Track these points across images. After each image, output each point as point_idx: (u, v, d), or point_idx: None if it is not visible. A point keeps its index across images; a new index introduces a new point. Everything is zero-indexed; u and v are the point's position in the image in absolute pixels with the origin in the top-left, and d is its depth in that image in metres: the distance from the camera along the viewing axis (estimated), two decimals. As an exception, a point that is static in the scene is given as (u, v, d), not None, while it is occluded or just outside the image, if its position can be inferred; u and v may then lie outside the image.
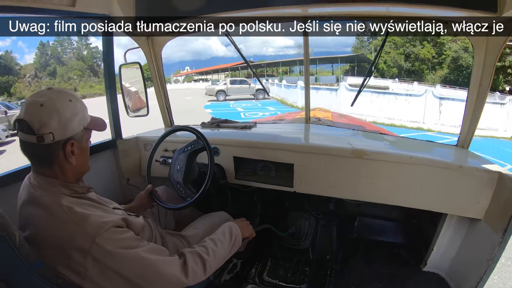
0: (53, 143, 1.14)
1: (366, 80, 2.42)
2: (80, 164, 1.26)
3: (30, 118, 1.11)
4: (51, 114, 1.12)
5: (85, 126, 1.24)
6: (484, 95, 1.96)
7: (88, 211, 1.15)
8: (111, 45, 2.48)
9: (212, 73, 50.27)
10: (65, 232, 1.10)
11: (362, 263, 2.46)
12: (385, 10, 2.00)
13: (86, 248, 1.08)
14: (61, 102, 1.16)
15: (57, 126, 1.13)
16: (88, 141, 1.30)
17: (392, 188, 2.03)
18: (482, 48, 1.88)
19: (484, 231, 1.82)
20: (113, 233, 1.13)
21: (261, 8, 2.08)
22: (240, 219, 1.81)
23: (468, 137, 2.12)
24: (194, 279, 1.27)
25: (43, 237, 1.12)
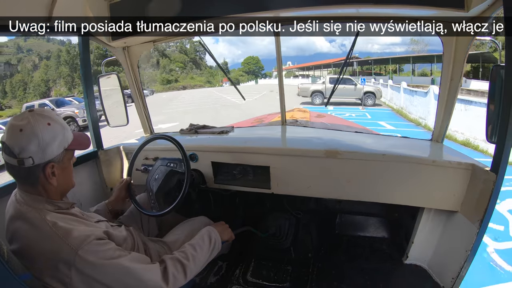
0: (33, 166, 1.17)
1: (341, 77, 2.46)
2: (62, 183, 1.29)
3: (10, 142, 1.15)
4: (30, 139, 1.15)
5: (66, 147, 1.27)
6: (455, 89, 2.00)
7: (71, 226, 1.19)
8: (88, 56, 2.51)
9: (314, 69, 47.30)
10: (50, 245, 1.13)
11: (344, 259, 2.49)
12: (355, 11, 2.02)
13: (70, 260, 1.12)
14: (40, 127, 1.18)
15: (36, 150, 1.16)
16: (70, 160, 1.33)
17: (368, 185, 2.06)
18: (452, 44, 1.93)
19: (461, 222, 1.86)
20: (95, 245, 1.17)
21: (236, 15, 2.11)
22: (219, 223, 1.85)
23: (442, 131, 2.17)
24: (174, 285, 1.31)
25: (30, 250, 1.15)
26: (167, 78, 69.08)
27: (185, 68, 71.88)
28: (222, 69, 3.05)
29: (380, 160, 1.98)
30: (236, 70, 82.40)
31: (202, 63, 74.21)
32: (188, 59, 72.90)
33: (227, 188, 2.44)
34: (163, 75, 69.33)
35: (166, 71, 70.15)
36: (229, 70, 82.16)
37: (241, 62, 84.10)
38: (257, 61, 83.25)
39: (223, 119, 15.19)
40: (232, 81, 3.16)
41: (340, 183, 2.11)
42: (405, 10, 1.88)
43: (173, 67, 70.60)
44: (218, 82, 72.07)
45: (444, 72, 2.02)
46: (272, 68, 57.47)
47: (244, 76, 78.06)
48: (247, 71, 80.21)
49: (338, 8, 1.96)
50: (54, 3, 1.99)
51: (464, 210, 1.85)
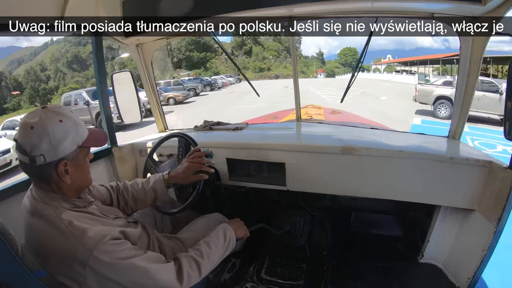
0: (44, 164, 1.16)
1: (354, 77, 2.43)
2: (77, 180, 1.28)
3: (22, 140, 1.15)
4: (41, 137, 1.14)
5: (79, 144, 1.25)
6: (473, 85, 1.97)
7: (87, 225, 1.18)
8: (101, 53, 2.52)
9: (418, 65, 39.66)
10: (65, 244, 1.13)
11: (359, 257, 2.47)
12: (370, 5, 2.00)
13: (85, 260, 1.11)
14: (51, 124, 1.16)
15: (47, 148, 1.15)
16: (85, 158, 1.32)
17: (384, 182, 2.04)
18: (469, 40, 1.89)
19: (478, 221, 1.84)
20: (110, 245, 1.16)
21: (248, 11, 2.10)
22: (234, 220, 1.84)
23: (459, 127, 2.13)
24: (189, 283, 1.31)
25: (45, 248, 1.16)
26: (260, 66, 67.88)
27: (279, 56, 70.75)
28: (234, 62, 3.03)
29: (397, 157, 1.96)
30: (331, 61, 77.44)
31: (296, 53, 74.93)
32: (282, 48, 72.05)
33: (242, 185, 2.44)
34: (255, 63, 68.14)
35: (259, 59, 68.93)
36: (324, 61, 77.72)
37: (338, 53, 78.72)
38: (355, 53, 75.37)
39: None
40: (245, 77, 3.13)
41: (356, 180, 2.09)
42: (420, 4, 1.85)
43: (266, 55, 69.58)
44: (312, 73, 70.08)
45: (461, 69, 1.99)
46: (371, 61, 55.20)
47: (339, 68, 72.71)
48: (344, 63, 74.38)
49: (353, 2, 1.94)
50: (66, 2, 2.01)
51: (481, 209, 1.83)
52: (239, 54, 66.87)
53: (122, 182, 1.80)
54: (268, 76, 64.02)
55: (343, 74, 67.66)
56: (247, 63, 68.77)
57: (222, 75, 52.60)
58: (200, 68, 70.13)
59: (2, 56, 67.66)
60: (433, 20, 1.95)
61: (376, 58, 53.87)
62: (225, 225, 1.67)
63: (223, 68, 69.06)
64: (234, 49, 69.67)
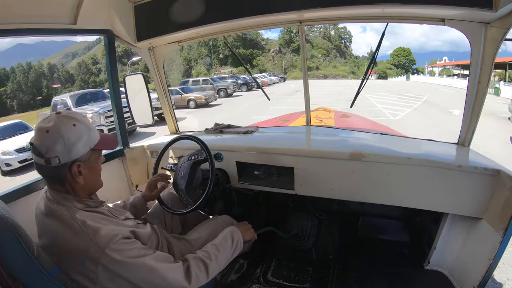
0: (59, 165, 1.23)
1: (364, 82, 2.42)
2: (89, 182, 1.35)
3: (38, 143, 1.22)
4: (56, 139, 1.21)
5: (92, 147, 1.32)
6: (483, 92, 1.94)
7: (100, 224, 1.24)
8: (114, 56, 2.58)
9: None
10: (78, 243, 1.18)
11: (365, 262, 2.48)
12: (381, 11, 1.99)
13: (97, 257, 1.17)
14: (66, 128, 1.23)
15: (62, 150, 1.22)
16: (97, 160, 1.39)
17: (392, 188, 2.04)
18: (479, 45, 1.85)
19: (485, 230, 1.82)
20: (121, 244, 1.22)
21: (257, 16, 2.13)
22: (242, 223, 1.89)
23: (469, 134, 2.11)
24: (196, 284, 1.36)
25: (59, 247, 1.21)
26: (308, 65, 65.22)
27: (328, 55, 68.77)
28: (240, 60, 3.03)
29: (405, 164, 1.95)
30: (383, 62, 75.43)
31: (347, 52, 69.39)
32: (332, 46, 69.69)
33: (251, 188, 2.46)
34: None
35: (307, 57, 67.17)
36: (376, 61, 76.90)
37: (390, 53, 75.86)
38: (408, 53, 75.98)
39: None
40: (257, 82, 3.15)
41: (364, 185, 2.09)
42: (431, 10, 1.84)
43: (315, 53, 67.57)
44: (362, 74, 67.20)
45: (471, 75, 1.96)
46: (425, 63, 52.57)
47: (392, 70, 70.36)
48: (396, 64, 72.65)
49: (364, 8, 1.93)
50: (80, 5, 2.07)
51: (488, 218, 1.81)
52: (286, 51, 65.20)
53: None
54: (316, 75, 62.28)
55: (395, 76, 64.63)
56: (295, 61, 67.94)
57: (265, 73, 49.89)
58: (246, 65, 69.86)
59: (58, 50, 69.61)
60: (444, 25, 1.94)
61: (431, 60, 51.71)
62: (233, 228, 1.72)
63: (269, 66, 67.55)
64: (281, 46, 67.51)
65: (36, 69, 71.51)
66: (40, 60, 75.05)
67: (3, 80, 67.11)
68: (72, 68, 69.57)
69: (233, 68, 59.24)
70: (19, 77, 67.72)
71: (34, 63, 72.05)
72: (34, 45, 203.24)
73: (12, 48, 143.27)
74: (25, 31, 1.92)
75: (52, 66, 71.92)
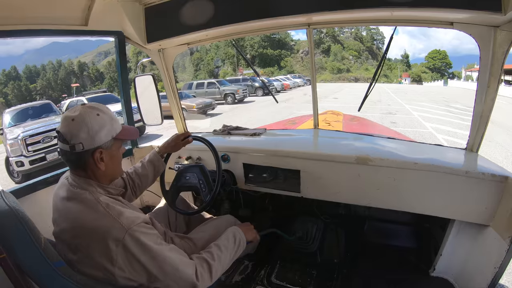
0: (83, 151, 1.30)
1: (372, 86, 2.41)
2: (110, 169, 1.41)
3: (64, 130, 1.29)
4: (81, 127, 1.28)
5: (114, 136, 1.38)
6: (492, 97, 1.91)
7: (122, 208, 1.31)
8: (124, 57, 2.63)
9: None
10: (103, 223, 1.24)
11: (370, 267, 2.46)
12: (390, 14, 1.98)
13: (120, 237, 1.22)
14: (90, 117, 1.31)
15: (86, 137, 1.29)
16: (118, 149, 1.45)
17: (398, 193, 2.02)
18: (488, 49, 1.83)
19: (491, 237, 1.79)
20: (143, 227, 1.28)
21: (266, 19, 2.14)
22: (244, 223, 1.91)
23: (477, 140, 2.08)
24: (203, 283, 1.39)
25: (82, 228, 1.26)
26: (338, 67, 63.10)
27: (360, 57, 66.92)
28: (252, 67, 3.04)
29: (412, 169, 1.94)
30: (418, 65, 71.64)
31: (379, 54, 66.07)
32: (364, 48, 68.60)
33: (257, 189, 2.48)
34: (333, 63, 63.56)
35: (338, 59, 64.32)
36: (410, 64, 71.09)
37: (425, 56, 70.82)
38: (444, 56, 72.54)
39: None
40: (265, 84, 3.15)
41: (370, 190, 2.08)
42: (440, 13, 1.82)
43: (346, 55, 65.39)
44: (396, 77, 62.01)
45: (481, 79, 1.92)
46: (461, 66, 49.51)
47: (427, 74, 66.09)
48: (431, 67, 68.39)
49: (373, 11, 1.92)
50: (91, 7, 2.13)
51: (495, 225, 1.79)
52: (316, 52, 63.31)
53: (128, 169, 2.01)
54: (347, 78, 59.56)
55: (431, 81, 59.84)
56: (325, 62, 65.72)
57: (290, 75, 47.11)
58: (273, 66, 67.98)
59: (91, 48, 71.10)
60: (453, 29, 1.92)
61: (467, 64, 49.24)
62: (235, 228, 1.74)
63: (298, 67, 66.42)
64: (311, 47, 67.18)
65: (66, 66, 73.14)
66: (74, 58, 76.87)
67: (34, 77, 68.76)
68: (103, 66, 70.89)
69: (257, 69, 58.46)
70: (49, 74, 69.29)
71: (64, 62, 73.95)
72: (68, 43, 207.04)
73: (47, 46, 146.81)
74: (37, 32, 1.99)
75: (82, 64, 73.29)
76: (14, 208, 1.24)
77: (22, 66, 68.46)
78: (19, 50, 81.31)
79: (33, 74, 69.15)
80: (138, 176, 1.98)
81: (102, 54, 69.12)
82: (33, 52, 68.57)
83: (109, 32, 2.44)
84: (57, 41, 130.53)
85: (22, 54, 68.37)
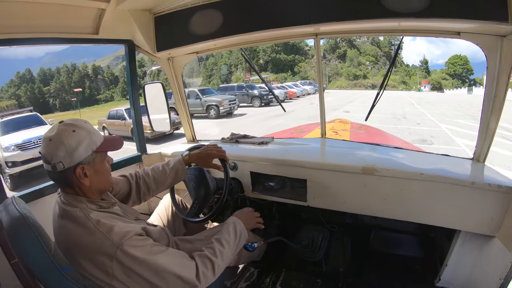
0: (64, 170, 1.32)
1: (380, 95, 2.42)
2: (96, 182, 1.42)
3: (44, 152, 1.32)
4: (58, 146, 1.30)
5: (94, 150, 1.39)
6: (499, 106, 1.90)
7: (113, 223, 1.32)
8: (134, 65, 2.69)
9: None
10: (94, 241, 1.26)
11: (375, 276, 2.45)
12: (397, 24, 2.00)
13: (112, 253, 1.24)
14: (65, 134, 1.31)
15: (64, 155, 1.30)
16: (102, 162, 1.46)
17: (404, 203, 2.02)
18: (495, 58, 1.83)
19: (497, 248, 1.78)
20: (134, 240, 1.29)
21: (273, 29, 2.17)
22: (244, 210, 1.91)
23: (484, 150, 2.06)
24: (205, 282, 1.40)
25: (76, 245, 1.29)
26: (354, 73, 60.47)
27: (377, 63, 64.33)
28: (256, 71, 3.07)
29: (418, 179, 1.93)
30: (437, 71, 67.11)
31: (397, 59, 61.63)
32: (381, 53, 66.51)
33: (264, 198, 2.49)
34: (349, 69, 60.82)
35: (354, 64, 61.87)
36: (429, 70, 66.96)
37: (444, 62, 66.08)
38: (465, 62, 68.36)
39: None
40: (273, 93, 3.18)
41: (376, 200, 2.08)
42: (447, 23, 1.84)
43: (363, 60, 62.91)
44: (415, 84, 58.60)
45: (487, 89, 1.92)
46: (482, 73, 46.55)
47: (448, 80, 61.72)
48: (452, 73, 63.54)
49: (381, 22, 1.94)
50: (102, 16, 2.18)
51: (501, 236, 1.77)
52: (331, 58, 61.00)
53: (142, 169, 1.98)
54: (364, 84, 56.52)
55: (452, 88, 55.05)
56: (340, 68, 62.49)
57: (300, 81, 43.66)
58: (287, 71, 65.26)
59: (110, 52, 71.87)
60: (460, 38, 1.93)
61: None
62: (234, 219, 1.74)
63: (313, 73, 62.38)
64: (326, 52, 63.59)
65: (80, 70, 73.73)
66: (92, 61, 77.78)
67: (48, 80, 69.38)
68: (118, 70, 71.43)
69: (267, 75, 56.23)
70: (63, 77, 69.89)
71: (79, 65, 74.76)
72: (87, 47, 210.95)
73: (67, 49, 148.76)
74: (49, 40, 2.05)
75: (97, 67, 73.93)
76: (25, 215, 1.28)
77: (39, 68, 69.41)
78: (40, 53, 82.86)
79: (48, 76, 69.87)
80: (154, 180, 1.92)
81: (120, 58, 69.65)
82: (53, 55, 70.02)
83: (120, 40, 2.49)
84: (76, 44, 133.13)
85: (42, 56, 70.15)
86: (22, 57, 77.53)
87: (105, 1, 2.06)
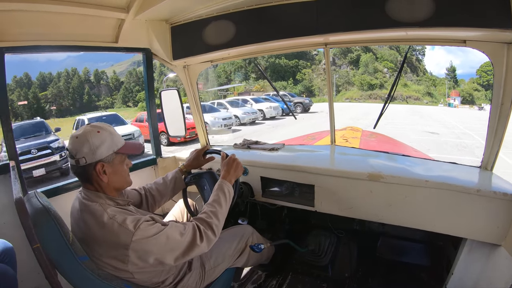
0: (86, 165, 1.49)
1: (387, 105, 2.45)
2: (114, 181, 1.57)
3: (70, 147, 1.49)
4: (83, 143, 1.46)
5: (115, 150, 1.54)
6: (506, 114, 1.90)
7: (126, 216, 1.46)
8: (151, 73, 2.82)
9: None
10: (110, 232, 1.41)
11: (381, 283, 2.46)
12: (404, 34, 2.04)
13: (128, 242, 1.39)
14: (91, 134, 1.49)
15: (87, 151, 1.47)
16: (121, 163, 1.61)
17: (410, 211, 2.03)
18: (502, 66, 1.84)
19: (503, 257, 1.77)
20: (145, 225, 1.44)
21: (284, 40, 2.25)
22: (226, 162, 2.00)
23: (491, 158, 2.06)
24: (207, 241, 1.58)
25: (93, 237, 1.44)
26: (369, 81, 49.71)
27: (396, 70, 50.67)
28: (273, 86, 3.12)
29: (423, 186, 1.94)
30: (465, 81, 54.44)
31: (419, 67, 54.00)
32: (401, 58, 56.86)
33: (273, 202, 2.54)
34: (363, 76, 50.26)
35: (369, 71, 51.06)
36: (457, 79, 54.47)
37: (477, 70, 53.15)
38: None
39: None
40: (284, 99, 3.23)
41: (382, 206, 2.10)
42: (452, 32, 1.86)
43: (380, 66, 52.45)
44: (443, 97, 46.79)
45: (494, 96, 1.93)
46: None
47: (480, 92, 49.76)
48: (485, 84, 50.30)
49: (388, 31, 1.98)
50: (121, 26, 2.32)
51: (507, 245, 1.76)
52: (342, 63, 53.82)
53: (146, 184, 2.15)
54: (380, 96, 46.01)
55: (487, 102, 39.79)
56: (352, 75, 52.64)
57: (287, 92, 34.47)
58: (287, 79, 55.11)
59: (128, 57, 72.71)
60: (466, 46, 1.95)
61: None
62: (220, 181, 1.87)
63: (319, 81, 53.59)
64: (335, 56, 54.12)
65: (81, 75, 73.98)
66: (110, 66, 78.82)
67: (46, 84, 69.25)
68: (124, 76, 71.92)
69: (245, 84, 52.19)
70: (61, 83, 69.90)
71: (99, 69, 75.31)
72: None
73: (84, 53, 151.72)
74: (71, 48, 2.23)
75: (100, 73, 74.19)
76: (46, 207, 1.41)
77: (39, 73, 69.25)
78: (61, 56, 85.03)
79: (47, 81, 69.40)
80: (158, 192, 2.11)
81: (136, 63, 70.11)
82: (74, 58, 72.06)
83: (138, 49, 2.63)
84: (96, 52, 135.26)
85: (64, 59, 71.96)
86: (43, 59, 79.00)
87: (124, 12, 2.19)
